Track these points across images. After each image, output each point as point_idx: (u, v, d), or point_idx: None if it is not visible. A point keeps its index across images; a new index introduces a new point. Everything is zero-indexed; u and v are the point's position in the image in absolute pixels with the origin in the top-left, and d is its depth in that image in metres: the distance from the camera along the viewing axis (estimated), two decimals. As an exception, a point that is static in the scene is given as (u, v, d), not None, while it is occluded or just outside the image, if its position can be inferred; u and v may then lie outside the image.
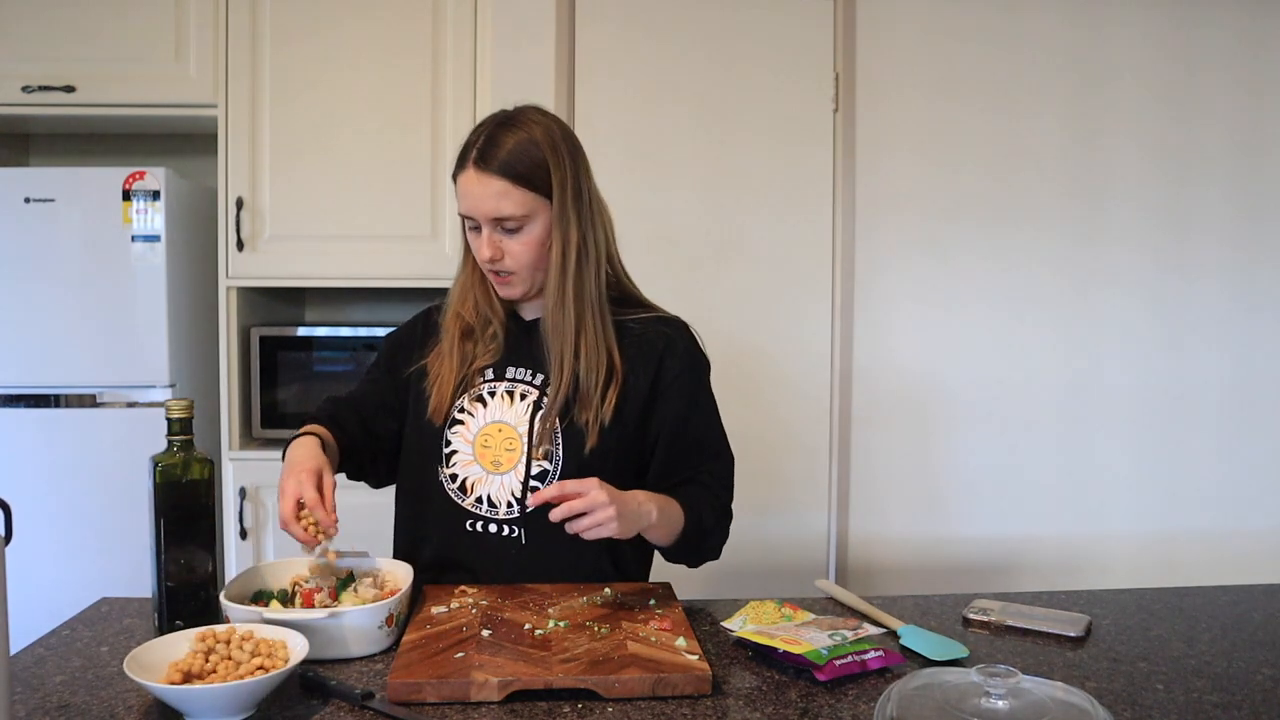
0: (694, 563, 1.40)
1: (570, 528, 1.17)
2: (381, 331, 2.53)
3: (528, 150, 1.28)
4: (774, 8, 2.52)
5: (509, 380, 1.38)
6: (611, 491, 1.19)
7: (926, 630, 1.21)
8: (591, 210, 1.34)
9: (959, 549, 2.58)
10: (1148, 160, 2.58)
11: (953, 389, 2.58)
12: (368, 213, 2.47)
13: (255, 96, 2.45)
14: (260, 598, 1.20)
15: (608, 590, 1.29)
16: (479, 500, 1.36)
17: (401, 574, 1.26)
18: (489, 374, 1.39)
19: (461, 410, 1.37)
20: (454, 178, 1.32)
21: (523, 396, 1.36)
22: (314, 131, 2.46)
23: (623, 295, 1.42)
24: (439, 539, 1.39)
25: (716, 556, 1.41)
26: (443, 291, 1.46)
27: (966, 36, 2.55)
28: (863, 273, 2.56)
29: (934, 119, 2.55)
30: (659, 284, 1.56)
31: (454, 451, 1.37)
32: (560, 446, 1.34)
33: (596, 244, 1.34)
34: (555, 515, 1.17)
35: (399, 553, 1.44)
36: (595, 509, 1.16)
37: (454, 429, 1.37)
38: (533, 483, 1.34)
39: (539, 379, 1.37)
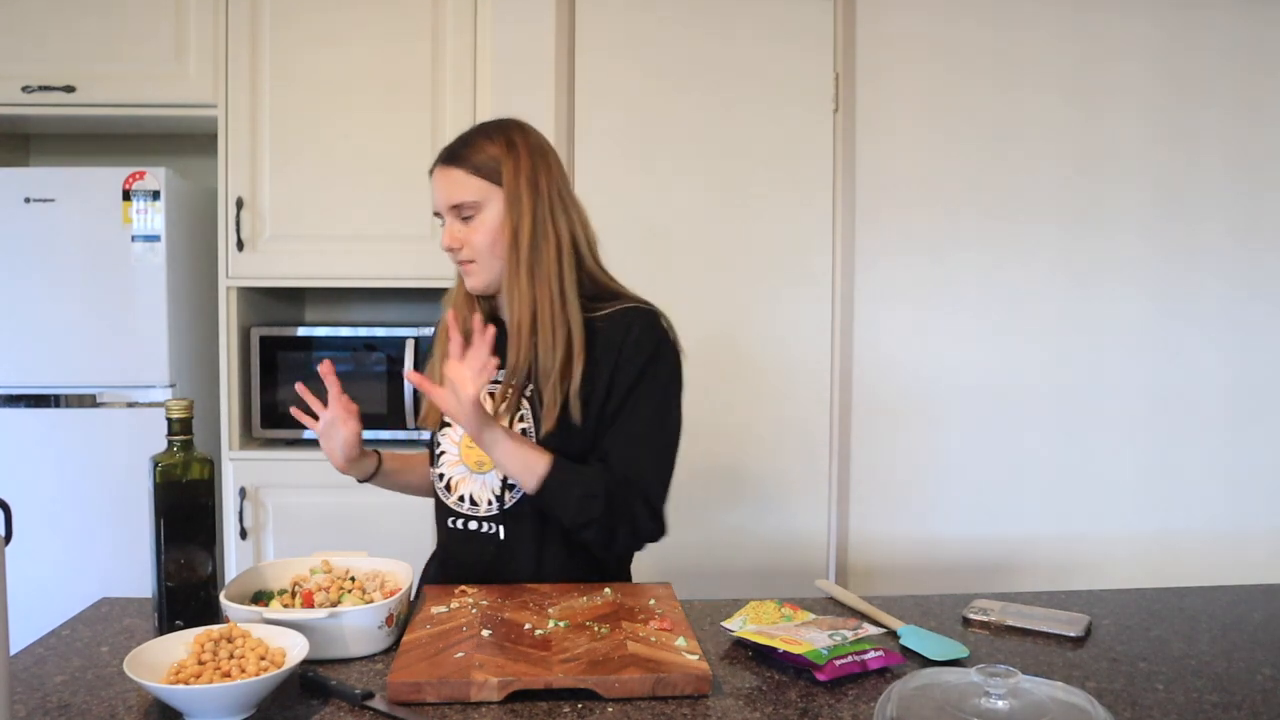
0: (591, 539, 1.35)
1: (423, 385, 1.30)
2: (381, 331, 2.52)
3: (483, 144, 1.37)
4: (774, 8, 2.52)
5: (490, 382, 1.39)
6: (480, 407, 1.27)
7: (927, 630, 1.22)
8: (552, 200, 1.38)
9: (959, 549, 2.58)
10: (1149, 161, 2.57)
11: (952, 388, 2.58)
12: (368, 213, 2.47)
13: (255, 96, 2.45)
14: (261, 597, 1.20)
15: (608, 590, 1.29)
16: (461, 499, 1.42)
17: (401, 574, 1.26)
18: None
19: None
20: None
21: (497, 396, 1.41)
22: (314, 131, 2.46)
23: (597, 291, 1.42)
24: (441, 538, 1.48)
25: (605, 543, 1.35)
26: (442, 292, 1.48)
27: (966, 37, 2.55)
28: (862, 272, 2.56)
29: (934, 119, 2.55)
30: (657, 281, 1.56)
31: (443, 453, 1.44)
32: (530, 419, 1.38)
33: (558, 231, 1.37)
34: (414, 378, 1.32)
35: (435, 558, 1.53)
36: (460, 397, 1.26)
37: (444, 431, 1.45)
38: (511, 480, 1.37)
39: (503, 374, 1.40)
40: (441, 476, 1.44)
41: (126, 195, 2.37)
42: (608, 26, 2.52)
